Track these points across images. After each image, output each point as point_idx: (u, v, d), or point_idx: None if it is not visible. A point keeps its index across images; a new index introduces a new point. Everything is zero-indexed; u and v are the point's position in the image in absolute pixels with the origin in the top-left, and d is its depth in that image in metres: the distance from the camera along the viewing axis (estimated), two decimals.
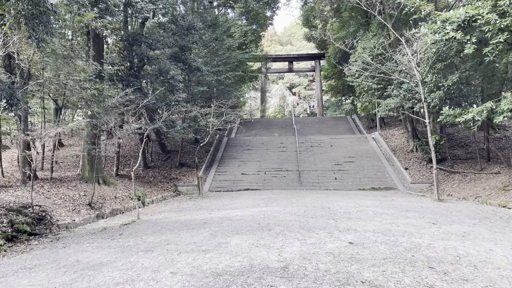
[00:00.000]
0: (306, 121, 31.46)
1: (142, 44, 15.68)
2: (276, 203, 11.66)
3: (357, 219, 7.99)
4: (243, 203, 12.11)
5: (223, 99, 16.24)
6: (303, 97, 55.80)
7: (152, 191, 15.86)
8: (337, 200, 12.27)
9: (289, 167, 19.59)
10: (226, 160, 20.91)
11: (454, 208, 10.16)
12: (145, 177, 18.05)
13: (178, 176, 18.71)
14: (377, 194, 14.72)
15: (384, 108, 18.64)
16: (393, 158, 19.53)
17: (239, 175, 19.03)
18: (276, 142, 23.24)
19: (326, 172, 19.03)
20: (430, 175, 17.38)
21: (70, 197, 11.19)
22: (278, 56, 36.13)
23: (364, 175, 18.42)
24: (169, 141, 18.43)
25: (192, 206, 12.10)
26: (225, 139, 24.13)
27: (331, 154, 21.10)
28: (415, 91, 15.77)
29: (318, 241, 5.77)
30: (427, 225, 7.22)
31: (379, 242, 5.69)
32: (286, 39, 63.85)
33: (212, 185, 18.18)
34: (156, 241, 6.29)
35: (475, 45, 11.10)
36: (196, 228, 7.32)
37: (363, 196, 13.79)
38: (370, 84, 19.43)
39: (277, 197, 13.88)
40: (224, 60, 18.42)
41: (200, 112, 14.94)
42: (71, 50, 14.09)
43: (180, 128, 15.62)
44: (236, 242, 5.86)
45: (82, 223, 9.52)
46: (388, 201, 12.06)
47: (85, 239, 7.07)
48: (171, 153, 21.39)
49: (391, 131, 24.17)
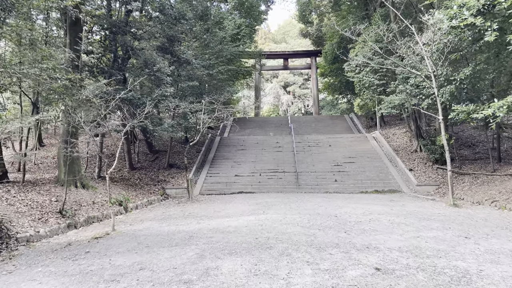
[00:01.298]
0: (302, 119, 30.24)
1: (126, 34, 14.28)
2: (274, 210, 10.36)
3: (373, 231, 6.72)
4: (237, 209, 10.79)
5: (215, 95, 14.88)
6: (298, 96, 54.61)
7: (137, 194, 14.45)
8: (342, 205, 11.01)
9: (285, 168, 18.31)
10: (218, 161, 19.56)
11: (477, 216, 8.95)
12: (130, 179, 16.62)
13: (166, 178, 17.31)
14: (383, 198, 13.50)
15: (387, 105, 17.45)
16: (396, 158, 18.36)
17: (232, 177, 17.70)
18: (272, 142, 21.95)
19: (325, 173, 17.79)
20: (436, 177, 16.24)
21: (38, 204, 9.75)
22: (273, 53, 34.85)
23: (366, 177, 17.21)
24: (156, 140, 17.02)
25: (179, 213, 10.74)
26: (218, 138, 22.77)
27: (330, 154, 19.87)
28: (422, 86, 14.58)
29: (335, 267, 4.47)
30: (460, 240, 5.97)
31: (413, 267, 4.41)
32: (280, 37, 62.58)
33: (203, 188, 16.83)
34: (127, 265, 4.95)
35: (496, 32, 9.94)
36: (180, 245, 5.98)
37: (369, 200, 12.56)
38: (371, 80, 18.23)
39: (274, 201, 12.59)
40: (216, 53, 17.05)
41: (189, 108, 13.57)
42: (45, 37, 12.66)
43: (168, 126, 14.23)
44: (229, 268, 4.54)
45: (48, 235, 8.11)
46: (398, 206, 10.83)
47: (41, 260, 5.69)
48: (159, 153, 19.97)
49: (392, 130, 23.02)
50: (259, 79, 34.10)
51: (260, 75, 33.54)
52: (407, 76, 15.71)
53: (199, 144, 21.56)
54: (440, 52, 12.33)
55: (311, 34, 33.49)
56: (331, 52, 27.48)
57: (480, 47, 11.59)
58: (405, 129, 21.98)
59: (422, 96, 14.50)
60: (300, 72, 53.23)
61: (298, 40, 54.58)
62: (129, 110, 13.55)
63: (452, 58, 11.99)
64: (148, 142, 19.61)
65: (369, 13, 22.58)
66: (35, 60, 8.66)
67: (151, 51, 13.99)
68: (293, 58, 37.56)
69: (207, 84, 16.95)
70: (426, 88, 14.15)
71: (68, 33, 12.58)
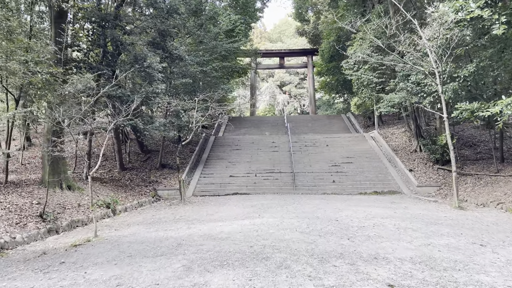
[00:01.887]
0: (299, 119, 29.69)
1: (116, 28, 13.62)
2: (270, 213, 9.78)
3: (379, 237, 6.15)
4: (231, 212, 10.19)
5: (209, 92, 14.25)
6: (294, 96, 54.09)
7: (127, 196, 13.80)
8: (342, 208, 10.45)
9: (282, 169, 17.73)
10: (212, 161, 18.94)
11: (486, 220, 8.42)
12: (120, 180, 15.96)
13: (158, 178, 16.67)
14: (383, 200, 12.96)
15: (387, 103, 16.92)
16: (395, 158, 17.85)
17: (227, 177, 17.09)
18: (268, 142, 21.36)
19: (323, 174, 17.23)
20: (437, 178, 15.75)
21: (18, 207, 9.08)
22: (269, 51, 34.24)
23: (365, 178, 16.68)
24: (146, 139, 16.39)
25: (170, 216, 10.12)
26: (212, 138, 22.14)
27: (328, 154, 19.32)
28: (423, 83, 14.07)
29: (341, 283, 3.89)
30: (475, 248, 5.42)
31: (431, 283, 3.84)
32: (276, 36, 62.03)
33: (197, 189, 16.20)
34: (103, 279, 4.34)
35: (504, 25, 9.43)
36: (166, 255, 5.37)
37: (369, 202, 12.01)
38: (370, 78, 17.71)
39: (271, 203, 12.01)
40: (210, 49, 16.40)
41: (181, 106, 12.94)
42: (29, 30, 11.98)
43: (160, 125, 13.59)
44: (219, 284, 3.95)
45: (26, 241, 7.47)
46: (401, 209, 10.29)
47: (10, 272, 5.06)
48: (151, 153, 19.30)
49: (390, 129, 22.53)
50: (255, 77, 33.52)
51: (255, 73, 32.93)
52: (407, 73, 15.20)
53: (193, 143, 20.92)
54: (444, 48, 11.82)
55: (307, 32, 32.95)
56: (328, 50, 26.98)
57: (485, 42, 11.08)
58: (404, 128, 21.50)
59: (423, 94, 13.98)
60: (296, 72, 52.72)
61: (294, 39, 54.07)
62: (117, 107, 12.94)
63: (456, 53, 11.46)
64: (140, 141, 18.95)
65: (367, 9, 22.08)
66: (13, 52, 8.01)
67: (142, 46, 13.35)
68: (289, 56, 36.98)
69: (200, 82, 16.31)
70: (427, 85, 13.64)
71: (53, 26, 11.91)
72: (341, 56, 27.04)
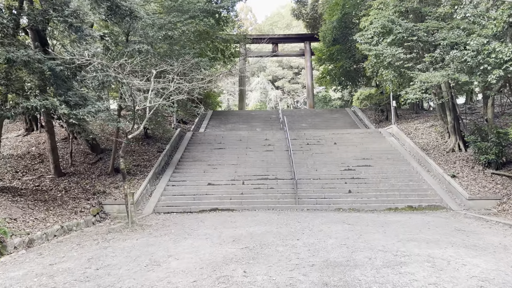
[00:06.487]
0: (296, 113, 25.20)
1: None
2: (264, 261, 5.26)
3: None
4: (194, 259, 5.64)
5: (173, 65, 9.63)
6: (287, 92, 49.67)
7: (47, 216, 9.10)
8: (391, 249, 5.97)
9: (278, 174, 13.21)
10: (186, 164, 14.32)
11: None
12: (50, 190, 11.23)
13: (108, 188, 11.98)
14: (434, 223, 8.53)
15: (419, 86, 12.48)
16: (427, 160, 13.48)
17: (204, 186, 12.51)
18: (259, 139, 16.80)
19: (333, 181, 12.77)
20: (494, 186, 11.42)
21: None
22: (260, 36, 29.65)
23: (391, 186, 12.30)
24: (85, 133, 11.71)
25: (84, 267, 5.50)
26: (189, 134, 17.45)
27: (337, 155, 14.87)
28: (487, 51, 9.65)
29: None
30: None
31: None
32: (268, 28, 57.43)
33: (161, 203, 11.60)
34: None
35: None
36: None
37: (416, 230, 7.56)
38: (396, 54, 13.26)
39: (265, 232, 7.49)
40: (178, 5, 11.73)
41: (127, 82, 8.31)
42: None
43: (98, 110, 8.94)
44: None
45: None
46: (490, 248, 5.82)
47: None
48: (105, 153, 14.56)
49: (411, 124, 18.17)
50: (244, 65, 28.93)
51: (245, 61, 28.35)
52: (455, 41, 10.83)
53: (163, 141, 16.26)
54: None
55: (304, 14, 28.50)
56: (330, 32, 22.56)
57: None
58: (431, 122, 17.18)
59: (487, 66, 9.57)
60: (290, 66, 48.35)
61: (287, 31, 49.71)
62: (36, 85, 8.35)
63: None
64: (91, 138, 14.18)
65: None
66: None
67: None
68: (284, 43, 32.39)
69: (163, 51, 11.60)
70: (495, 52, 9.23)
71: None
72: (346, 39, 22.86)
